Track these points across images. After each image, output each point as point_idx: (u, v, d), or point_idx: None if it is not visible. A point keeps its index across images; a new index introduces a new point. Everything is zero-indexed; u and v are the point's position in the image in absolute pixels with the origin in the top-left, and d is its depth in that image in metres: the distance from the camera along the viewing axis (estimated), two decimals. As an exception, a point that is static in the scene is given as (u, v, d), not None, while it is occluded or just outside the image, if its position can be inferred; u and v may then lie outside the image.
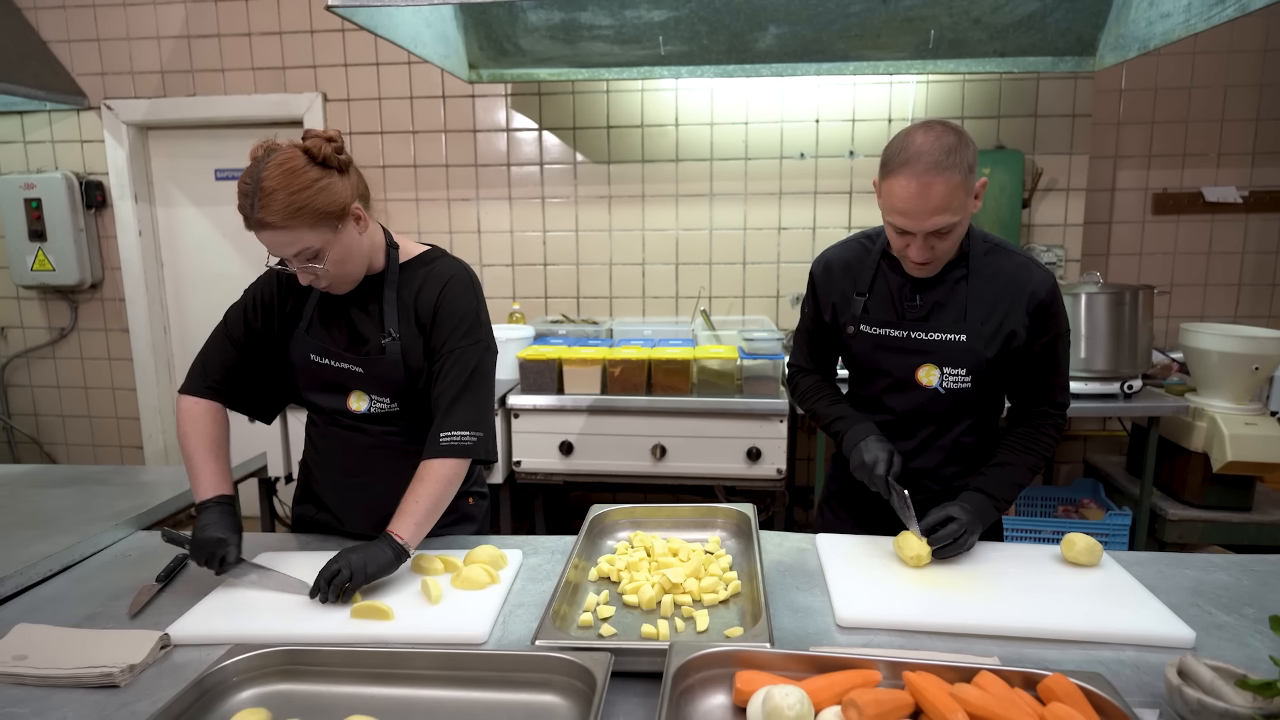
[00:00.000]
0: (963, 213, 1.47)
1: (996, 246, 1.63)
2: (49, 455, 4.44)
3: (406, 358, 1.61)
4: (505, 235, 3.90)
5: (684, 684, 1.08)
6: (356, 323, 1.64)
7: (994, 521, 1.61)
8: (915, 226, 1.47)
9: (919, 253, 1.51)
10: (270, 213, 1.40)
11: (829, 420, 1.75)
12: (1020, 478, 1.64)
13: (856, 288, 1.69)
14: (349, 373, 1.63)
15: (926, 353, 1.64)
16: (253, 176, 1.41)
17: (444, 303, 1.61)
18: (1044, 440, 1.65)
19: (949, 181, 1.42)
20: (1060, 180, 3.61)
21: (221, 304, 1.76)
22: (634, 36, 3.27)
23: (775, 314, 3.83)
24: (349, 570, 1.39)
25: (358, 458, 1.69)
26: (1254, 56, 3.63)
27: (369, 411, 1.65)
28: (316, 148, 1.44)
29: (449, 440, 1.55)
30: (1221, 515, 3.03)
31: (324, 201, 1.44)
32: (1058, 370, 1.64)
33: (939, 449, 1.70)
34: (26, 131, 4.09)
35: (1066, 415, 1.69)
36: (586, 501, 1.81)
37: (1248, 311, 3.80)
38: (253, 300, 1.68)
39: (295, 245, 1.45)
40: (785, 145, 3.69)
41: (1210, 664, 1.08)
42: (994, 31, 3.17)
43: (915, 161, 1.43)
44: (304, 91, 3.86)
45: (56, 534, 1.75)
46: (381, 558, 1.43)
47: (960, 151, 1.43)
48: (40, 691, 1.18)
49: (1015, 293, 1.59)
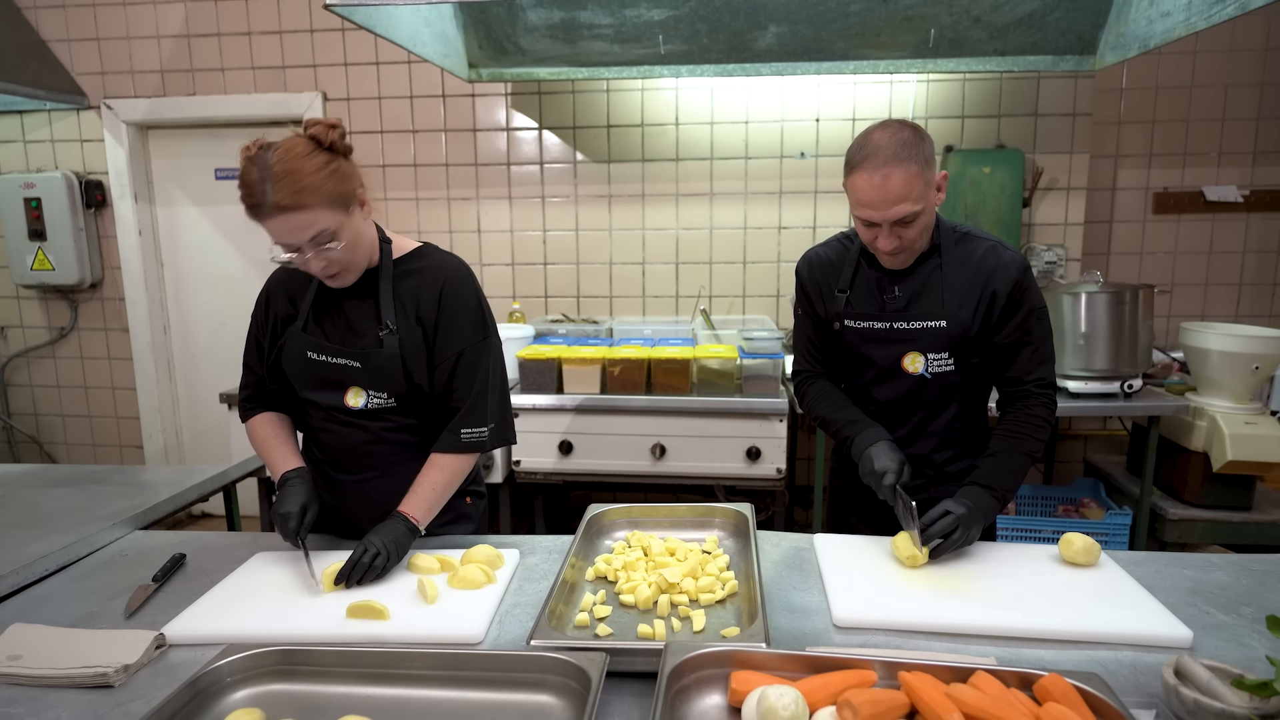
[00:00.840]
0: (924, 202, 1.54)
1: (966, 235, 1.71)
2: (49, 455, 4.44)
3: (404, 351, 1.62)
4: (505, 235, 3.90)
5: (679, 684, 1.08)
6: (352, 318, 1.65)
7: (995, 514, 1.62)
8: (879, 217, 1.55)
9: (886, 242, 1.58)
10: (285, 194, 1.40)
11: (838, 425, 1.76)
12: (1016, 464, 1.64)
13: (838, 285, 1.76)
14: (346, 368, 1.63)
15: (909, 340, 1.70)
16: (259, 165, 1.42)
17: (445, 303, 1.63)
18: (1032, 422, 1.66)
19: (907, 172, 1.50)
20: (1061, 179, 3.60)
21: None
22: (634, 35, 3.26)
23: (775, 313, 3.83)
24: (383, 551, 1.47)
25: (357, 454, 1.69)
26: (1255, 55, 3.62)
27: (366, 407, 1.65)
28: (322, 134, 1.46)
29: (470, 437, 1.64)
30: (1222, 515, 3.03)
31: (337, 183, 1.46)
32: (1035, 347, 1.67)
33: (931, 434, 1.77)
34: (26, 131, 4.09)
35: (1054, 395, 1.69)
36: (586, 501, 1.81)
37: (1248, 311, 3.80)
38: (254, 316, 1.73)
39: (312, 227, 1.45)
40: (785, 144, 3.69)
41: (1207, 664, 1.08)
42: (994, 30, 3.16)
43: (874, 156, 1.52)
44: (304, 91, 3.87)
45: (54, 533, 1.75)
46: (402, 536, 1.52)
47: (917, 145, 1.52)
48: (35, 691, 1.18)
49: (986, 274, 1.65)
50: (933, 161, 1.55)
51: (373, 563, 1.46)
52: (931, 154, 1.55)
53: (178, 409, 4.38)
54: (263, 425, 1.75)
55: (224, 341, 4.21)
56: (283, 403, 1.77)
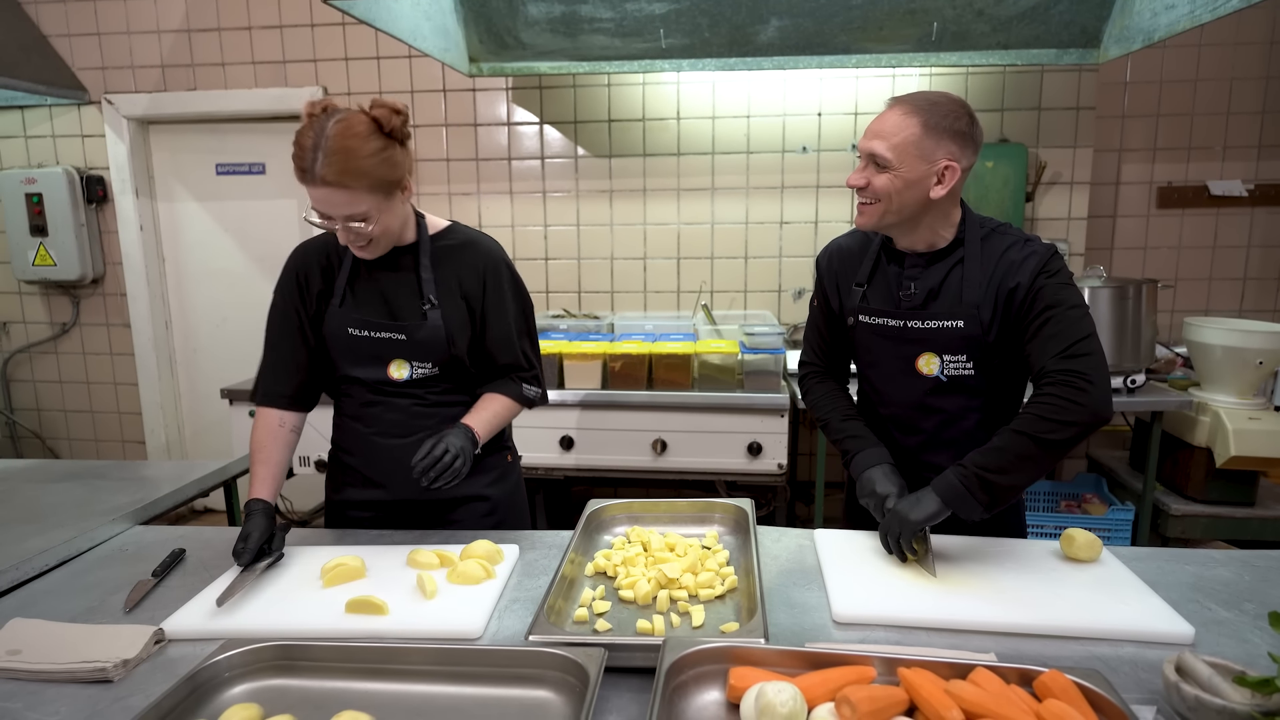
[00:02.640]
0: (902, 163, 1.47)
1: (994, 230, 1.58)
2: (51, 450, 4.45)
3: (449, 325, 1.67)
4: (506, 230, 3.89)
5: (677, 680, 1.08)
6: (390, 294, 1.67)
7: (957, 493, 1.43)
8: (863, 145, 1.52)
9: (855, 176, 1.53)
10: (333, 171, 1.42)
11: (840, 436, 1.70)
12: (1006, 442, 1.42)
13: (856, 278, 1.68)
14: (390, 341, 1.67)
15: (924, 341, 1.60)
16: (317, 131, 1.42)
17: (489, 280, 1.71)
18: (1045, 404, 1.41)
19: (904, 119, 1.47)
20: (1064, 174, 3.59)
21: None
22: (635, 29, 3.25)
23: (777, 309, 3.82)
24: (461, 454, 1.54)
25: (404, 422, 1.71)
26: (1260, 49, 3.60)
27: (411, 378, 1.69)
28: (386, 118, 1.47)
29: (529, 392, 1.77)
30: (1225, 510, 3.02)
31: (385, 171, 1.48)
32: (1059, 323, 1.45)
33: (947, 443, 1.62)
34: (27, 126, 4.09)
35: (1081, 381, 1.39)
36: (587, 496, 1.81)
37: (1252, 306, 3.78)
38: (285, 293, 1.70)
39: (350, 207, 1.47)
40: (787, 139, 3.68)
41: (1208, 660, 1.07)
42: (997, 24, 3.14)
43: (904, 99, 1.51)
44: (305, 85, 3.86)
45: (54, 528, 1.75)
46: (470, 445, 1.59)
47: (941, 113, 1.47)
48: (34, 686, 1.18)
49: (1008, 271, 1.52)
50: (949, 140, 1.46)
51: (452, 464, 1.52)
52: (958, 135, 1.47)
53: (179, 404, 4.38)
54: (263, 432, 1.69)
55: (226, 337, 4.22)
56: (304, 388, 1.73)
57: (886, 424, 1.70)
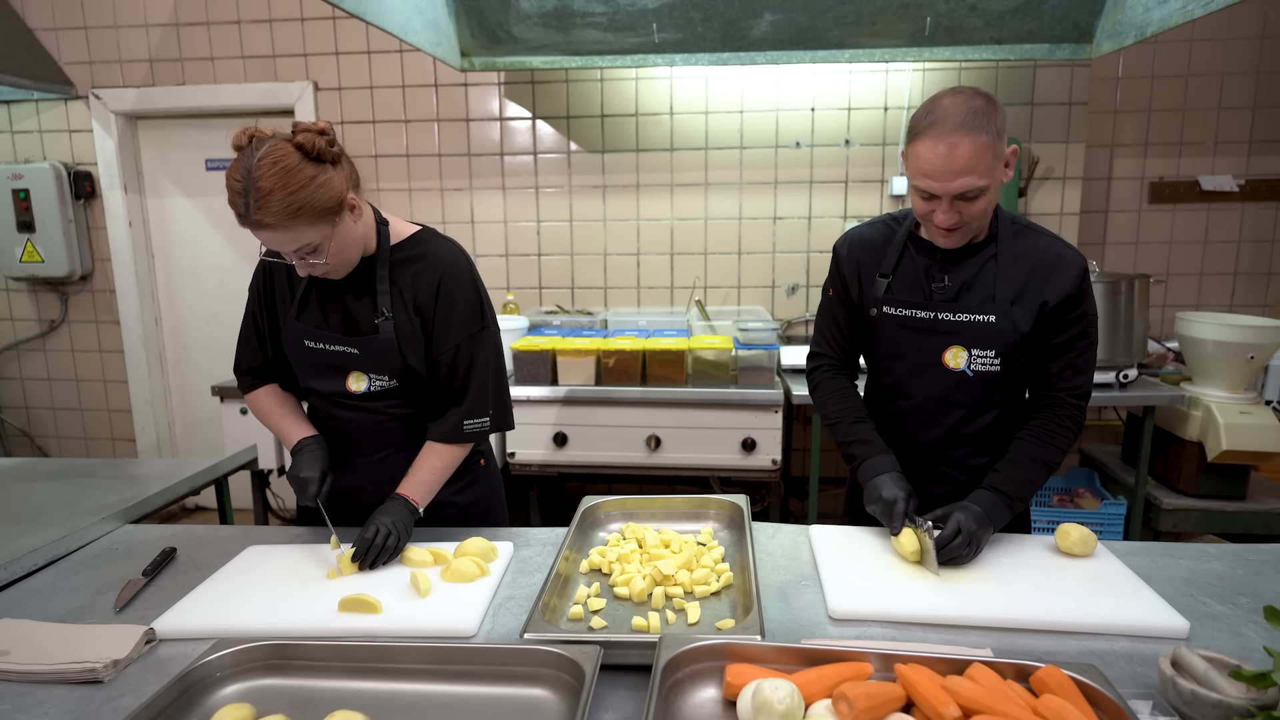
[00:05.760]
0: (990, 178, 1.43)
1: (1025, 228, 1.60)
2: (40, 448, 4.42)
3: (400, 338, 1.61)
4: (499, 225, 3.87)
5: (674, 677, 1.07)
6: (349, 304, 1.64)
7: (1005, 523, 1.54)
8: (940, 189, 1.43)
9: (944, 217, 1.46)
10: (268, 214, 1.36)
11: (850, 439, 1.68)
12: (1034, 474, 1.56)
13: (880, 269, 1.65)
14: (345, 355, 1.63)
15: (954, 334, 1.59)
16: (244, 173, 1.35)
17: (443, 294, 1.62)
18: (1061, 435, 1.57)
19: (976, 142, 1.39)
20: (1056, 169, 3.59)
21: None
22: (627, 24, 3.24)
23: (770, 304, 3.82)
24: (393, 531, 1.51)
25: (367, 435, 1.70)
26: (1251, 44, 3.61)
27: (369, 390, 1.65)
28: (310, 143, 1.39)
29: (471, 427, 1.67)
30: (1216, 504, 3.03)
31: (322, 199, 1.41)
32: (1079, 354, 1.57)
33: (965, 439, 1.66)
34: (13, 121, 4.05)
35: (1085, 406, 1.59)
36: (581, 493, 1.80)
37: (1243, 300, 3.80)
38: (255, 293, 1.71)
39: (294, 243, 1.43)
40: (781, 134, 3.67)
41: (1204, 654, 1.07)
42: (990, 18, 3.14)
43: (942, 123, 1.41)
44: (295, 80, 3.83)
45: (43, 527, 1.73)
46: (406, 517, 1.56)
47: (989, 114, 1.41)
48: (23, 687, 1.17)
49: (1044, 273, 1.54)
50: (1004, 134, 1.43)
51: (385, 543, 1.49)
52: (1004, 126, 1.44)
53: (169, 401, 4.35)
54: (268, 396, 1.75)
55: (216, 333, 4.19)
56: (284, 379, 1.77)
57: (903, 419, 1.69)
